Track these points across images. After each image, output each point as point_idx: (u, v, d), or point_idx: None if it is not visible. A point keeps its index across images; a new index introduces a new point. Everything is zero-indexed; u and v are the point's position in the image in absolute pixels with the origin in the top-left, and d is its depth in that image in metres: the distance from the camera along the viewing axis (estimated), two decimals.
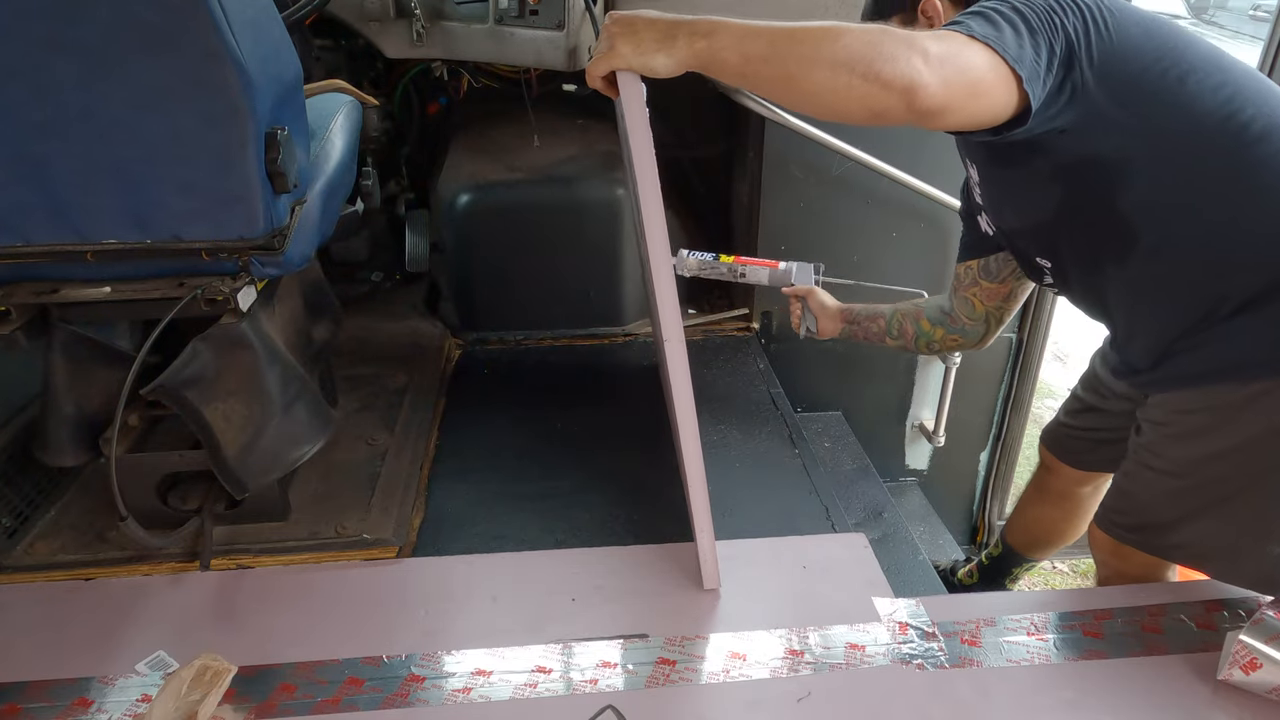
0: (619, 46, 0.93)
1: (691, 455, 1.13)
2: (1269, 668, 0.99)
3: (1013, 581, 1.85)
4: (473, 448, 1.61)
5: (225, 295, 1.12)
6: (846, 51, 0.88)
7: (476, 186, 1.97)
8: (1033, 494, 1.76)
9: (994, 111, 0.95)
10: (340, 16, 1.83)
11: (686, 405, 1.10)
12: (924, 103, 0.88)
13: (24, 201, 1.02)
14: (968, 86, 0.91)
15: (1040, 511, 1.73)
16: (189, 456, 1.28)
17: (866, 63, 0.87)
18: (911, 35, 0.90)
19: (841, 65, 0.88)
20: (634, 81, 0.95)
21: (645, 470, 1.53)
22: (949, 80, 0.89)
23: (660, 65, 0.93)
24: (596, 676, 1.06)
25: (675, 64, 0.93)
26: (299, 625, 1.16)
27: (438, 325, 2.09)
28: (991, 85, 0.93)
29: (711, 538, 1.19)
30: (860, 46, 0.88)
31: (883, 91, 0.88)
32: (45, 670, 1.07)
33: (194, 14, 0.91)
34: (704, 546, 1.20)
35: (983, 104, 0.94)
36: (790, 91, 0.93)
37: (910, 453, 2.32)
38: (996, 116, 0.96)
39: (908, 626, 1.14)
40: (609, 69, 0.95)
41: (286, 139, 1.05)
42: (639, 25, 0.93)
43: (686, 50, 0.92)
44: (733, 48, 0.91)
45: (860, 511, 1.80)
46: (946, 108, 0.90)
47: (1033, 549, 1.79)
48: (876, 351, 2.17)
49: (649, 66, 0.94)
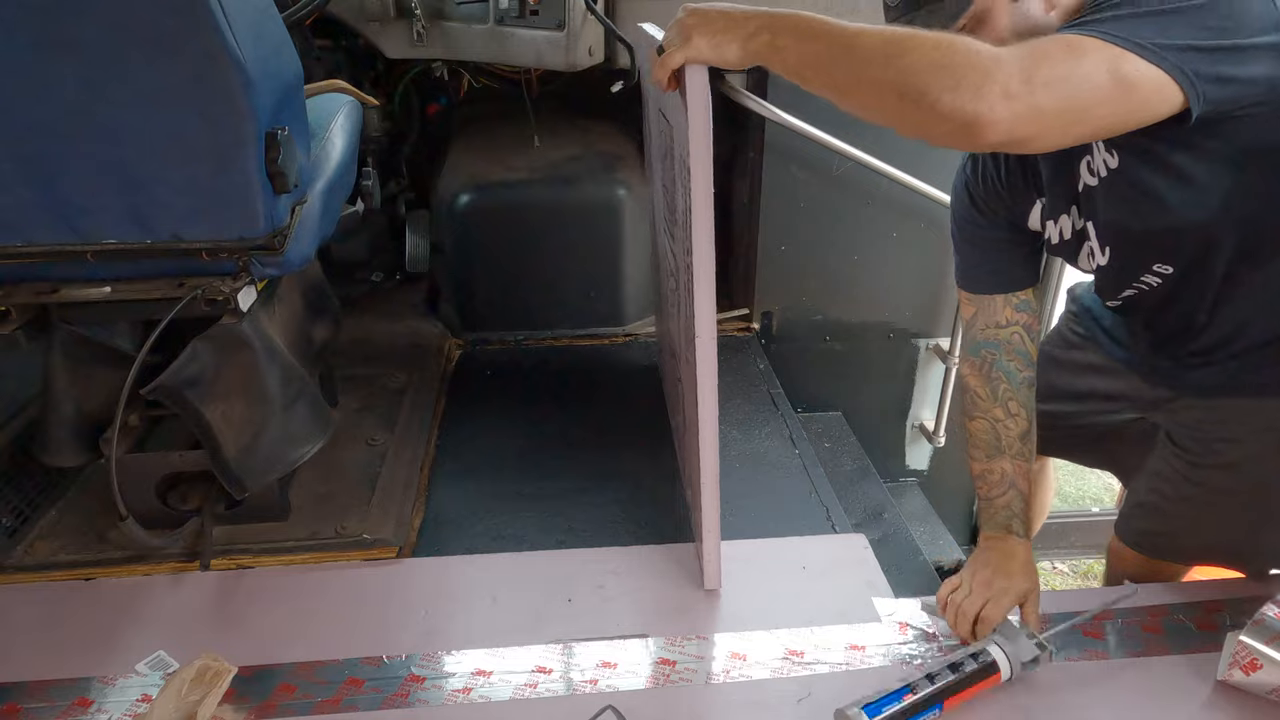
0: (695, 39, 0.91)
1: (709, 454, 1.12)
2: (1269, 668, 0.99)
3: None
4: (473, 448, 1.61)
5: (225, 295, 1.12)
6: (903, 74, 0.80)
7: (476, 186, 1.98)
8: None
9: (1138, 117, 0.82)
10: (340, 16, 1.83)
11: (710, 404, 1.08)
12: (992, 137, 0.79)
13: (24, 201, 1.02)
14: (1075, 110, 0.80)
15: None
16: (189, 456, 1.28)
17: (921, 90, 0.79)
18: (996, 56, 0.78)
19: (892, 88, 0.81)
20: (701, 74, 0.93)
21: (645, 470, 1.53)
22: (1040, 109, 0.78)
23: (732, 56, 0.91)
24: (596, 676, 1.06)
25: (744, 56, 0.90)
26: (299, 625, 1.16)
27: (438, 325, 2.09)
28: (1119, 95, 0.80)
29: (718, 538, 1.19)
30: (923, 69, 0.79)
31: (939, 122, 0.80)
32: (45, 670, 1.07)
33: (194, 14, 0.91)
34: (709, 546, 1.20)
35: (1107, 118, 0.82)
36: (842, 103, 0.88)
37: (910, 453, 2.32)
38: (1144, 121, 0.82)
39: (908, 626, 1.14)
40: (684, 61, 0.92)
41: (286, 139, 1.05)
42: (713, 16, 0.91)
43: (755, 42, 0.89)
44: (793, 47, 0.87)
45: (860, 512, 1.80)
46: (1037, 136, 0.80)
47: None
48: (876, 352, 2.18)
49: (723, 58, 0.91)
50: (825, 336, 2.15)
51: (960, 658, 1.00)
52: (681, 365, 1.29)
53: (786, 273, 2.07)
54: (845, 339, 2.16)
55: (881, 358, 2.16)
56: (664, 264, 1.54)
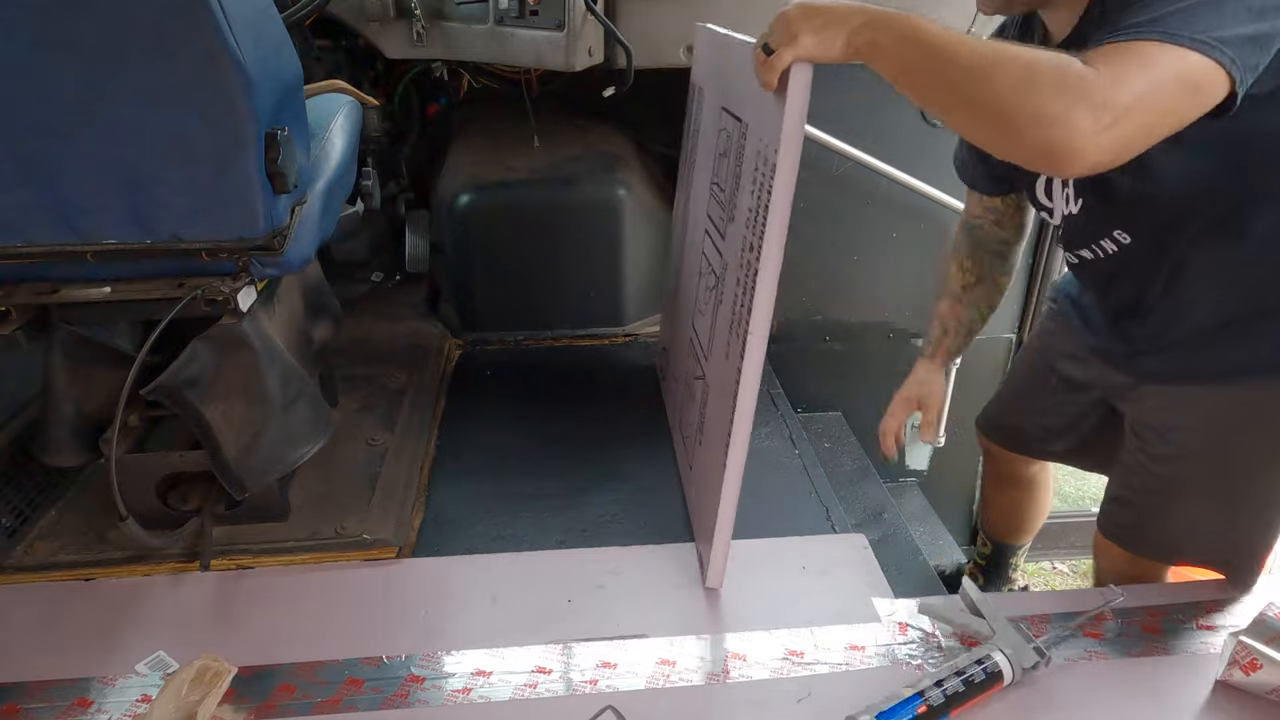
0: (803, 37, 0.88)
1: (738, 450, 1.13)
2: (1269, 668, 0.99)
3: (1015, 571, 1.86)
4: (473, 448, 1.61)
5: (225, 295, 1.12)
6: (990, 97, 0.79)
7: (476, 186, 1.98)
8: (989, 482, 1.77)
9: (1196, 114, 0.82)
10: (340, 16, 1.83)
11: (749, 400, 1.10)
12: (1077, 170, 0.79)
13: (24, 201, 1.02)
14: (1151, 125, 0.79)
15: (1004, 498, 1.74)
16: (189, 456, 1.27)
17: (1009, 119, 0.78)
18: (1080, 81, 0.76)
19: (979, 108, 0.81)
20: (805, 73, 0.92)
21: (645, 470, 1.53)
22: (1123, 138, 0.77)
23: (835, 53, 0.89)
24: (596, 677, 1.06)
25: (847, 54, 0.88)
26: (299, 625, 1.16)
27: (438, 325, 2.09)
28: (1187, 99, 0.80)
29: (728, 536, 1.19)
30: (1008, 94, 0.78)
31: (1024, 152, 0.81)
32: (45, 670, 1.07)
33: (194, 14, 0.91)
34: (719, 544, 1.19)
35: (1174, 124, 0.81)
36: (934, 114, 0.92)
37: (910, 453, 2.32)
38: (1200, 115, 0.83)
39: (908, 626, 1.14)
40: (794, 60, 0.90)
41: (286, 139, 1.05)
42: (818, 10, 0.89)
43: (859, 39, 0.87)
44: (893, 50, 0.86)
45: (860, 512, 1.80)
46: (1116, 160, 0.80)
47: (1015, 534, 1.80)
48: (876, 352, 2.18)
49: (828, 55, 0.89)
50: (825, 336, 2.15)
51: (966, 664, 1.00)
52: (710, 363, 1.29)
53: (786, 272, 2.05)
54: (845, 339, 2.16)
55: (881, 358, 2.16)
56: (689, 263, 1.54)
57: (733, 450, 1.12)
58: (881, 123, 1.92)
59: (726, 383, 1.16)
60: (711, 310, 1.30)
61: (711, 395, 1.27)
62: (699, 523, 1.33)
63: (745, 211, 1.12)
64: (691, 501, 1.40)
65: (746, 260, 1.08)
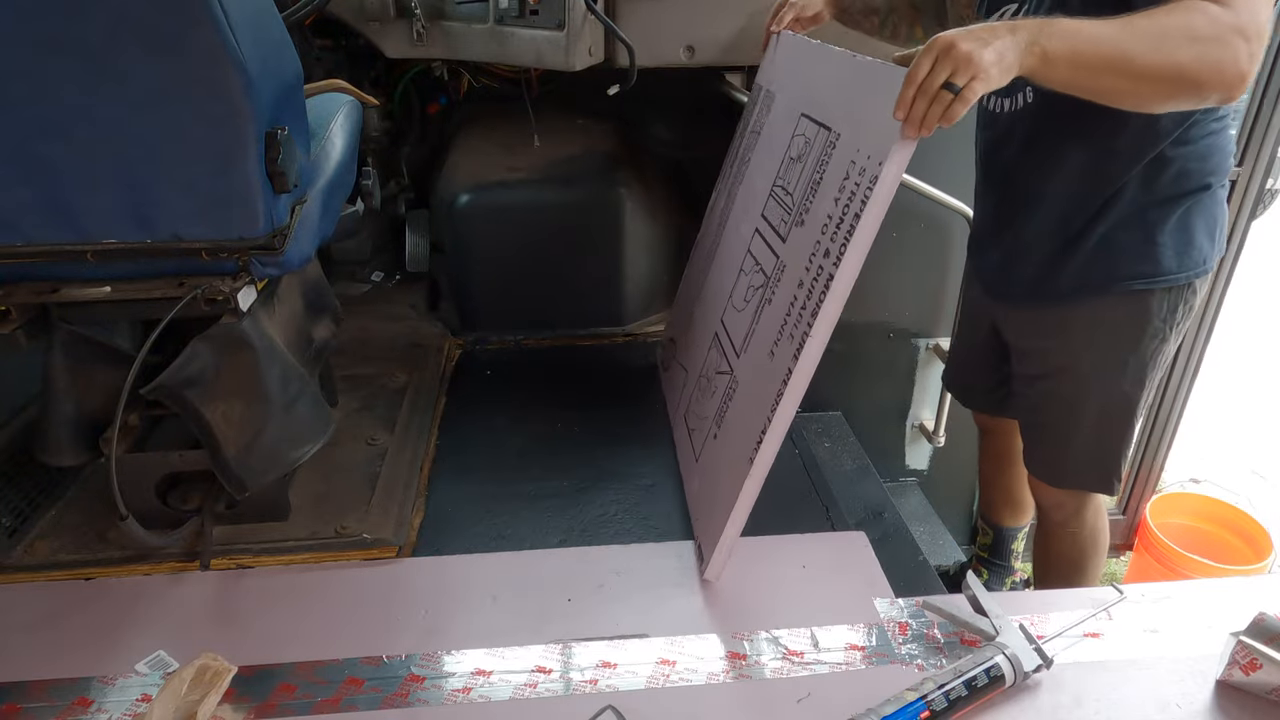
0: (990, 70, 0.91)
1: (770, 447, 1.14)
2: (1269, 668, 0.99)
3: (1016, 559, 1.87)
4: (473, 448, 1.61)
5: (225, 295, 1.12)
6: (1171, 68, 0.92)
7: (476, 186, 1.97)
8: (987, 462, 1.82)
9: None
10: (340, 16, 1.83)
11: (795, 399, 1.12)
12: (1243, 92, 0.94)
13: (24, 201, 1.02)
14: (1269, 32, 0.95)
15: (1003, 477, 1.78)
16: (189, 456, 1.28)
17: (1192, 78, 0.92)
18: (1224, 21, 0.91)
19: (1161, 80, 0.93)
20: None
21: (645, 469, 1.53)
22: (1263, 51, 0.93)
23: (1010, 76, 0.93)
24: (596, 676, 1.06)
25: (1019, 72, 0.94)
26: (299, 625, 1.16)
27: (438, 325, 2.09)
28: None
29: (739, 531, 1.20)
30: (1187, 59, 0.91)
31: (1205, 98, 0.95)
32: (45, 670, 1.07)
33: (194, 14, 0.91)
34: (727, 537, 1.20)
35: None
36: (1113, 102, 0.98)
37: (910, 453, 2.32)
38: None
39: (908, 626, 1.14)
40: (987, 90, 0.92)
41: (286, 139, 1.05)
42: (986, 39, 0.91)
43: (1030, 58, 0.93)
44: (1063, 57, 0.93)
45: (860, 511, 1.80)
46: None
47: (1015, 515, 1.84)
48: (876, 352, 2.18)
49: (1006, 79, 0.93)
50: None
51: (969, 667, 0.99)
52: (743, 360, 1.30)
53: None
54: (845, 339, 2.16)
55: (881, 358, 2.16)
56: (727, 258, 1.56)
57: (765, 447, 1.14)
58: None
59: (766, 381, 1.17)
60: (755, 309, 1.31)
61: (740, 392, 1.28)
62: (702, 513, 1.33)
63: (823, 217, 1.13)
64: (693, 492, 1.40)
65: (820, 265, 1.10)
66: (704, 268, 1.73)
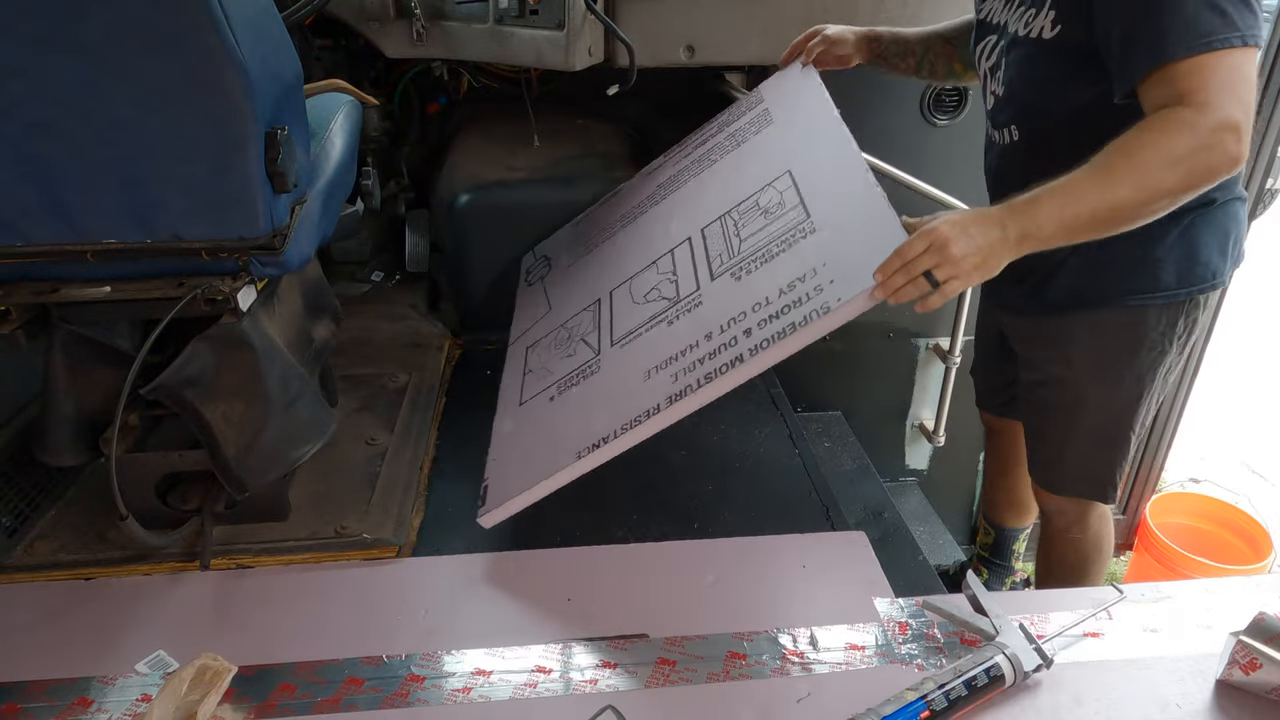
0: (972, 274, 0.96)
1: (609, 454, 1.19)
2: (1269, 668, 0.99)
3: (1017, 559, 1.87)
4: (473, 448, 1.61)
5: (225, 295, 1.12)
6: (1162, 192, 0.95)
7: (476, 186, 1.97)
8: (993, 463, 1.82)
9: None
10: (340, 16, 1.83)
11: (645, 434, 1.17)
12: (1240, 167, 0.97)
13: (24, 201, 1.02)
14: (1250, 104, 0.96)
15: (1007, 478, 1.78)
16: (189, 456, 1.27)
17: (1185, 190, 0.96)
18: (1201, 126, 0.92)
19: (1158, 204, 0.97)
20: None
21: (645, 468, 1.53)
22: (1250, 128, 0.94)
23: (1001, 266, 0.98)
24: (596, 676, 1.06)
25: (1009, 261, 0.98)
26: (299, 625, 1.16)
27: (438, 325, 2.09)
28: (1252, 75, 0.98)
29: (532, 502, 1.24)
30: (1174, 181, 0.94)
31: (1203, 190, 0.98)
32: (45, 670, 1.07)
33: (194, 14, 0.91)
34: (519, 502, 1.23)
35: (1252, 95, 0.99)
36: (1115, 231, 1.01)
37: (910, 453, 2.32)
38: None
39: (908, 626, 1.14)
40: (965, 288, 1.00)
41: (286, 139, 1.05)
42: (970, 232, 0.95)
43: (1018, 248, 0.97)
44: (1050, 230, 0.97)
45: (860, 511, 1.80)
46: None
47: (1017, 516, 1.84)
48: (877, 351, 2.18)
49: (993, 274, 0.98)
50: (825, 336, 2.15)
51: (969, 667, 0.99)
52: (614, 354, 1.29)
53: None
54: (845, 339, 2.16)
55: (881, 358, 2.16)
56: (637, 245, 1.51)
57: (600, 453, 1.16)
58: (881, 122, 1.92)
59: (630, 397, 1.17)
60: (651, 318, 1.29)
61: (598, 383, 1.29)
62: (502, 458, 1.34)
63: (760, 295, 1.13)
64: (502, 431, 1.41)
65: (734, 338, 1.10)
66: (619, 223, 1.68)
